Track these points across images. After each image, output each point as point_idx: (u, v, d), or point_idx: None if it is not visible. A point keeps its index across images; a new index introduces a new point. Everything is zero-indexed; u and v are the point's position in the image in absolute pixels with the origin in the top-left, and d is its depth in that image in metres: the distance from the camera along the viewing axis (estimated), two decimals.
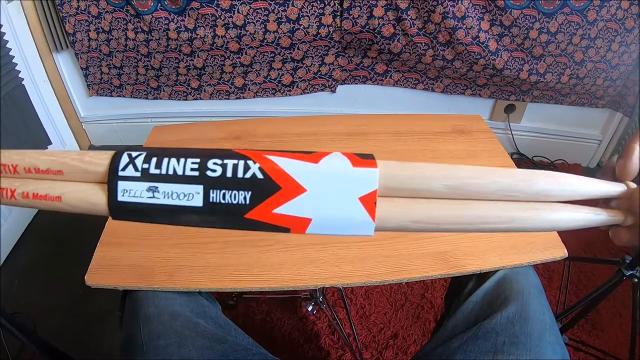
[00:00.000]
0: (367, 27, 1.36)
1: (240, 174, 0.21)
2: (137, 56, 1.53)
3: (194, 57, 1.50)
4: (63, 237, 1.44)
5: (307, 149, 0.74)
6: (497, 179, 0.22)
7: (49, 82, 1.63)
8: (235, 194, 0.21)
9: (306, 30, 1.38)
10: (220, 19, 1.36)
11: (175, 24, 1.40)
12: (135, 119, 1.77)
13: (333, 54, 1.49)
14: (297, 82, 1.58)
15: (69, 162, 0.25)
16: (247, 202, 0.21)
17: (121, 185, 0.22)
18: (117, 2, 1.39)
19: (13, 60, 1.41)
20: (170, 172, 0.22)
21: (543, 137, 1.69)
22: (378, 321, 1.11)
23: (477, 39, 1.33)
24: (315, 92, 1.61)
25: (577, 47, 1.39)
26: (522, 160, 1.70)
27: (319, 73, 1.55)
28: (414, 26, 1.34)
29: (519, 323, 0.53)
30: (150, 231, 0.67)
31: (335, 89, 1.61)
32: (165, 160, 0.22)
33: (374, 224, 0.21)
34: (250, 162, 0.21)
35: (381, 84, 1.59)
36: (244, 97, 1.64)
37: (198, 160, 0.22)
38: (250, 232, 0.63)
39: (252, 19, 1.37)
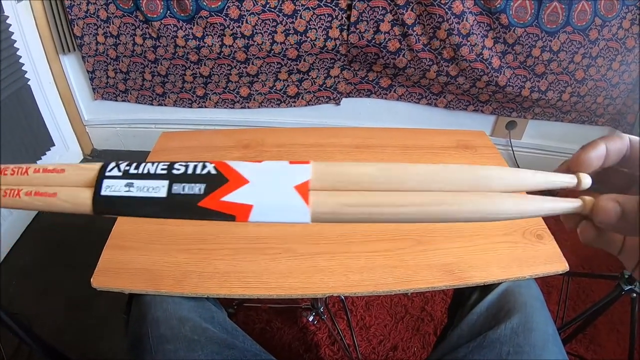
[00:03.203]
0: (374, 41, 1.38)
1: (198, 171, 0.26)
2: (144, 62, 1.54)
3: (201, 65, 1.51)
4: (62, 239, 1.44)
5: (315, 160, 0.76)
6: (433, 171, 0.25)
7: (54, 83, 1.64)
8: (192, 186, 0.25)
9: (313, 43, 1.40)
10: (229, 28, 1.38)
11: (184, 31, 1.41)
12: (139, 124, 1.78)
13: (339, 67, 1.51)
14: (302, 93, 1.60)
15: (69, 165, 0.29)
16: (202, 191, 0.25)
17: (105, 182, 0.27)
18: (126, 7, 1.41)
19: (20, 61, 1.42)
20: (145, 171, 0.27)
21: (543, 154, 1.71)
22: (378, 333, 1.11)
23: (481, 56, 1.36)
24: (320, 104, 1.63)
25: (579, 66, 1.42)
26: None
27: (324, 85, 1.57)
28: (419, 42, 1.37)
29: (523, 334, 0.55)
30: (158, 236, 0.67)
31: (339, 102, 1.62)
32: (143, 164, 0.27)
33: (309, 209, 0.24)
34: (207, 163, 0.26)
35: (385, 98, 1.60)
36: (248, 107, 1.66)
37: (167, 163, 0.27)
38: (260, 241, 0.64)
39: (260, 29, 1.39)
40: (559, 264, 0.64)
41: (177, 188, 0.25)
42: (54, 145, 1.61)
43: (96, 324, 1.16)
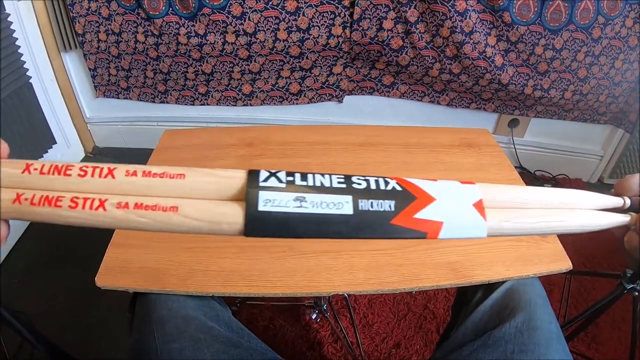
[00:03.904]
0: (376, 39, 1.38)
1: (382, 187, 0.24)
2: (146, 59, 1.54)
3: (203, 63, 1.51)
4: (63, 237, 1.44)
5: (319, 158, 0.75)
6: (550, 195, 0.30)
7: (56, 81, 1.63)
8: (381, 203, 0.23)
9: (316, 40, 1.40)
10: (231, 25, 1.38)
11: (186, 28, 1.41)
12: (141, 122, 1.77)
13: (341, 65, 1.51)
14: (304, 91, 1.59)
15: (192, 170, 0.24)
16: (393, 209, 0.23)
17: (263, 195, 0.22)
18: (128, 4, 1.41)
19: (21, 58, 1.41)
20: (318, 184, 0.23)
21: (545, 152, 1.71)
22: (381, 330, 1.11)
23: (484, 54, 1.36)
24: (323, 101, 1.63)
25: (581, 64, 1.41)
26: (524, 174, 1.72)
27: (327, 83, 1.57)
28: (422, 39, 1.36)
29: (527, 332, 0.55)
30: (163, 234, 0.67)
31: (342, 99, 1.62)
32: (310, 174, 0.24)
33: (487, 224, 0.25)
34: (387, 179, 0.25)
35: (388, 96, 1.60)
36: (251, 104, 1.65)
37: (342, 175, 0.24)
38: (264, 238, 0.64)
39: (262, 27, 1.38)
40: (562, 263, 0.64)
41: (364, 204, 0.23)
42: (56, 142, 1.61)
43: (98, 323, 1.16)
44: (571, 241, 1.37)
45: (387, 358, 1.06)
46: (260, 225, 0.22)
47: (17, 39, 1.39)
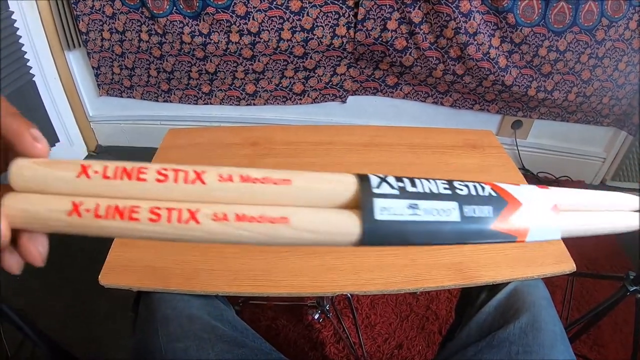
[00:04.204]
0: (380, 39, 1.38)
1: (480, 192, 0.24)
2: (149, 58, 1.54)
3: (207, 62, 1.51)
4: (66, 236, 1.43)
5: (324, 158, 0.75)
6: (604, 197, 0.30)
7: (59, 79, 1.64)
8: (482, 209, 0.24)
9: (320, 40, 1.40)
10: (235, 25, 1.38)
11: (190, 28, 1.41)
12: (144, 120, 1.78)
13: (345, 65, 1.51)
14: (308, 91, 1.60)
15: (301, 173, 0.22)
16: (491, 214, 0.24)
17: (379, 202, 0.21)
18: (132, 3, 1.41)
19: (25, 56, 1.42)
20: (427, 190, 0.23)
21: (548, 154, 1.71)
22: (383, 331, 1.11)
23: (488, 55, 1.35)
24: (326, 101, 1.63)
25: (585, 66, 1.41)
26: (527, 176, 1.72)
27: (331, 83, 1.57)
28: (426, 40, 1.36)
29: (531, 333, 0.55)
30: None
31: (345, 100, 1.62)
32: (417, 180, 0.24)
33: (560, 228, 0.25)
34: (483, 185, 0.25)
35: (391, 96, 1.60)
36: (254, 104, 1.66)
37: (445, 180, 0.24)
38: None
39: (266, 26, 1.38)
40: (566, 264, 0.64)
41: (468, 210, 0.23)
42: (59, 141, 1.61)
43: (100, 322, 1.16)
44: (574, 243, 1.37)
45: (389, 359, 1.06)
46: (377, 235, 0.21)
47: (20, 37, 1.39)
